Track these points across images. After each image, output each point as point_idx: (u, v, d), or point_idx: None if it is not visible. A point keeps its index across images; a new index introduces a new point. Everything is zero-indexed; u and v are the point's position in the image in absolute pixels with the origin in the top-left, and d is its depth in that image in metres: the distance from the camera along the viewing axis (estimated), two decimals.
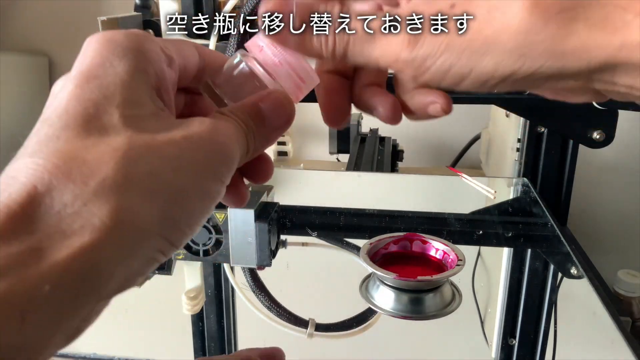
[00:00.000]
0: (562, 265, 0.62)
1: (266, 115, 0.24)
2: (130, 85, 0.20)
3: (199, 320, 0.55)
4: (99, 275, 0.17)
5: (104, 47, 0.21)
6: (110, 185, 0.17)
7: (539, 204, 0.77)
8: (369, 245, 0.33)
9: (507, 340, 0.51)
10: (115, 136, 0.19)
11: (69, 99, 0.19)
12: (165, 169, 0.19)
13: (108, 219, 0.17)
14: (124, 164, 0.18)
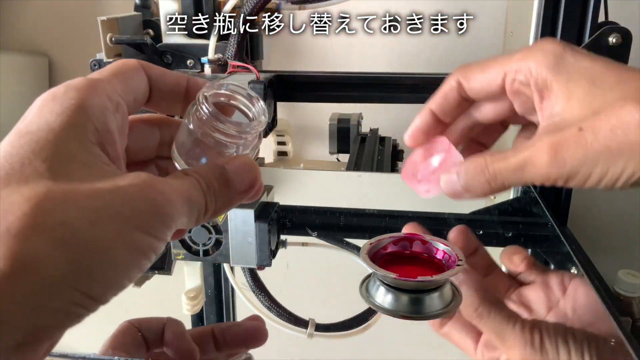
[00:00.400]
0: (563, 265, 0.62)
1: (231, 177, 0.24)
2: (62, 139, 0.20)
3: (199, 320, 0.55)
4: (3, 324, 0.16)
5: (44, 104, 0.22)
6: (15, 233, 0.17)
7: (539, 204, 0.77)
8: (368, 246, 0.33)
9: None
10: (33, 186, 0.18)
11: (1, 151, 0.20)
12: (80, 220, 0.18)
13: (7, 265, 0.16)
14: (35, 213, 0.18)
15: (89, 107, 0.22)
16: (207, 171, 0.24)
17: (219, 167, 0.24)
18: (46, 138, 0.20)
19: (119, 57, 0.67)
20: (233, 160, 0.25)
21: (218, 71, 0.66)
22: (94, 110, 0.22)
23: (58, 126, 0.21)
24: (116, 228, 0.19)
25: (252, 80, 0.62)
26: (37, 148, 0.20)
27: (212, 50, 0.66)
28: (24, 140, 0.20)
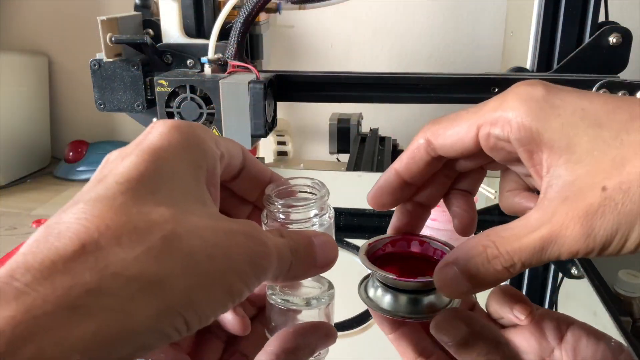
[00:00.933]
0: (563, 265, 0.62)
1: (316, 250, 0.25)
2: (186, 174, 0.22)
3: None
4: (121, 340, 0.17)
5: (171, 134, 0.23)
6: (154, 256, 0.18)
7: None
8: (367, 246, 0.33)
9: None
10: (167, 210, 0.20)
11: (130, 170, 0.21)
12: (202, 252, 0.20)
13: (145, 285, 0.18)
14: (169, 239, 0.19)
15: (206, 149, 0.24)
16: (298, 238, 0.25)
17: (308, 238, 0.25)
18: (172, 169, 0.22)
19: (119, 56, 0.67)
20: (319, 235, 0.25)
21: (218, 71, 0.66)
22: (208, 153, 0.24)
23: (182, 161, 0.22)
24: (224, 268, 0.20)
25: (252, 80, 0.62)
26: (165, 175, 0.21)
27: (212, 50, 0.66)
28: (155, 165, 0.21)
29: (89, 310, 0.17)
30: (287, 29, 1.17)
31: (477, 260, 0.24)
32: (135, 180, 0.20)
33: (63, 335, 0.16)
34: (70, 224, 0.18)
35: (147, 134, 0.23)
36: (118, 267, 0.18)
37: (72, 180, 1.12)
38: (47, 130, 1.23)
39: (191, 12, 0.70)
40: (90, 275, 0.17)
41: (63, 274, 0.17)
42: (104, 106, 0.69)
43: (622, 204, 0.21)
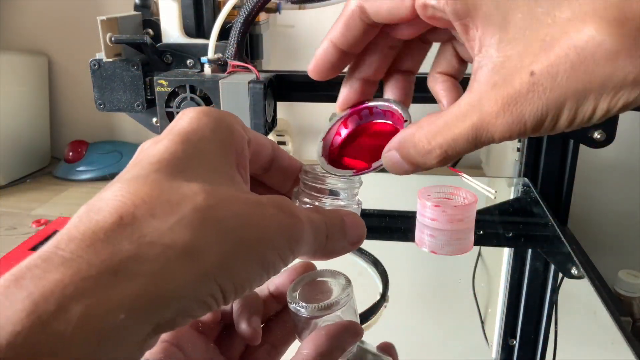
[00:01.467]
0: (563, 265, 0.62)
1: (348, 228, 0.26)
2: (216, 155, 0.23)
3: None
4: (161, 303, 0.18)
5: (200, 119, 0.24)
6: (186, 225, 0.19)
7: (539, 204, 0.77)
8: (321, 143, 0.32)
9: (508, 340, 0.51)
10: (197, 184, 0.21)
11: (163, 152, 0.22)
12: (233, 222, 0.20)
13: (180, 252, 0.19)
14: (201, 208, 0.20)
15: (235, 131, 0.25)
16: (331, 216, 0.25)
17: (340, 216, 0.26)
18: (202, 149, 0.23)
19: (118, 56, 0.67)
20: (348, 214, 0.26)
21: (218, 71, 0.66)
22: (237, 136, 0.25)
23: (212, 142, 0.23)
24: (256, 237, 0.21)
25: (252, 80, 0.62)
26: (195, 155, 0.22)
27: (212, 50, 0.65)
28: (186, 146, 0.22)
29: (130, 275, 0.18)
30: (287, 29, 1.17)
31: (414, 151, 0.26)
32: (167, 161, 0.21)
33: (108, 296, 0.17)
34: (108, 200, 0.19)
35: (177, 120, 0.24)
36: (154, 236, 0.18)
37: (72, 180, 1.12)
38: (46, 130, 1.23)
39: (191, 12, 0.70)
40: (128, 244, 0.18)
41: (104, 242, 0.18)
42: (103, 106, 0.69)
43: (550, 89, 0.21)
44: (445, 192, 0.69)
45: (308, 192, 0.29)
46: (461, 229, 0.64)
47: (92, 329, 0.16)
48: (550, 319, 0.54)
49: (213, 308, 0.20)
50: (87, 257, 0.18)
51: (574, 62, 0.20)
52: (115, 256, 0.18)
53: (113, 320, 0.17)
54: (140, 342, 0.18)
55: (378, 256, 0.63)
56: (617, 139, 0.75)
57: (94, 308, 0.17)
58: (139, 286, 0.18)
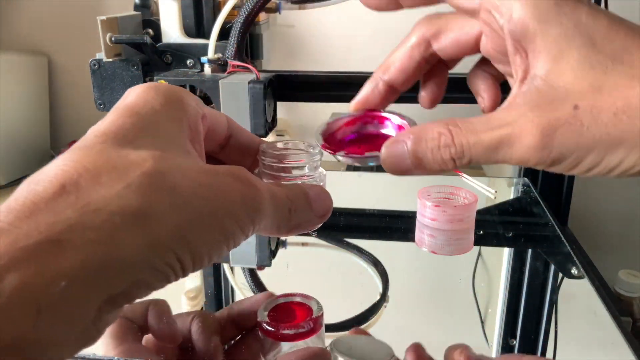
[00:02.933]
0: (563, 265, 0.62)
1: (313, 200, 0.25)
2: (167, 127, 0.22)
3: None
4: (111, 272, 0.17)
5: (147, 93, 0.22)
6: (135, 191, 0.18)
7: (539, 204, 0.77)
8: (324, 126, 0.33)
9: (508, 340, 0.51)
10: (146, 152, 0.20)
11: (108, 125, 0.21)
12: (189, 190, 0.19)
13: (128, 219, 0.17)
14: (151, 174, 0.19)
15: (186, 104, 0.23)
16: (294, 189, 0.25)
17: (303, 189, 0.25)
18: (151, 121, 0.21)
19: (118, 56, 0.67)
20: (312, 187, 0.26)
21: (218, 71, 0.66)
22: (189, 109, 0.23)
23: (162, 115, 0.22)
24: (214, 207, 0.20)
25: (252, 80, 0.62)
26: (145, 127, 0.21)
27: (212, 50, 0.65)
28: (133, 118, 0.21)
29: (74, 244, 0.17)
30: (287, 29, 1.17)
31: (428, 144, 0.25)
32: (113, 133, 0.20)
33: (48, 264, 0.16)
34: (49, 171, 0.19)
35: (124, 97, 0.23)
36: (99, 203, 0.17)
37: None
38: (46, 130, 1.23)
39: (191, 11, 0.70)
40: (72, 212, 0.17)
41: (44, 212, 0.17)
42: (103, 106, 0.69)
43: (587, 127, 0.21)
44: (445, 192, 0.69)
45: (269, 172, 0.28)
46: (461, 229, 0.64)
47: (29, 300, 0.15)
48: (550, 319, 0.54)
49: (171, 279, 0.19)
50: (26, 227, 0.16)
51: (618, 112, 0.21)
52: (57, 225, 0.17)
53: (53, 290, 0.16)
54: (93, 317, 0.17)
55: (378, 256, 0.63)
56: None
57: (31, 277, 0.15)
58: (84, 255, 0.16)
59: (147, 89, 0.23)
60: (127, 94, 0.23)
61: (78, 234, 0.17)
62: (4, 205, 0.17)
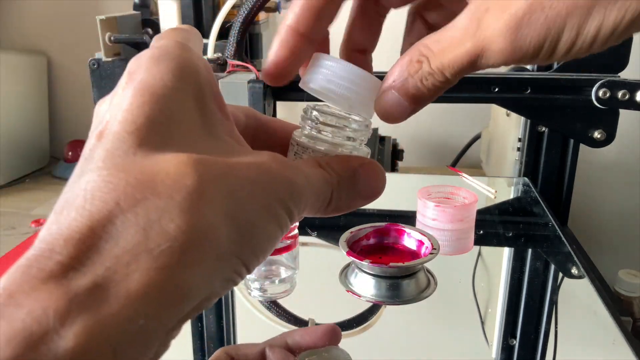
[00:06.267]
0: (563, 265, 0.62)
1: (361, 182, 0.24)
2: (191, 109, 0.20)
3: (197, 320, 0.55)
4: (183, 295, 0.16)
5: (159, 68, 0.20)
6: (186, 208, 0.17)
7: (539, 204, 0.76)
8: (348, 234, 0.35)
9: (508, 340, 0.51)
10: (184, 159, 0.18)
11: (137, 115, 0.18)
12: (241, 191, 0.18)
13: (185, 240, 0.16)
14: (201, 185, 0.17)
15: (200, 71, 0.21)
16: (340, 168, 0.23)
17: (352, 169, 0.23)
18: (176, 105, 0.19)
19: (117, 56, 0.67)
20: (366, 165, 0.24)
21: (217, 70, 0.66)
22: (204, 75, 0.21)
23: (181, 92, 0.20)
24: (267, 201, 0.19)
25: (251, 80, 0.62)
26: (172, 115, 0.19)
27: (212, 49, 0.65)
28: (160, 105, 0.19)
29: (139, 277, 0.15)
30: None
31: (413, 81, 0.24)
32: (145, 127, 0.18)
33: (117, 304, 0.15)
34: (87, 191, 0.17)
35: (133, 73, 0.20)
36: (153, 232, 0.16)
37: None
38: (45, 129, 1.23)
39: (190, 11, 0.70)
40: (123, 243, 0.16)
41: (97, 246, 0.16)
42: None
43: (549, 7, 0.19)
44: (445, 192, 0.69)
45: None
46: (461, 228, 0.64)
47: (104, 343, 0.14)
48: (550, 319, 0.54)
49: (238, 282, 0.19)
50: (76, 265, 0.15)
51: None
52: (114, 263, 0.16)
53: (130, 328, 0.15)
54: (164, 339, 0.16)
55: None
56: (617, 139, 0.75)
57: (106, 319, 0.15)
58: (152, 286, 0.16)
59: (157, 62, 0.20)
60: (134, 67, 0.20)
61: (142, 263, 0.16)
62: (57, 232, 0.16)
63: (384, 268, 0.33)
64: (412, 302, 0.35)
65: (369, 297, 0.35)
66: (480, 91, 0.70)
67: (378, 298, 0.34)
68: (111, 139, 0.18)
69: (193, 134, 0.19)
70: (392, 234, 0.37)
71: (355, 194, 0.24)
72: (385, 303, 0.33)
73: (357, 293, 0.36)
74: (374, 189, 0.24)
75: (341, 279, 0.36)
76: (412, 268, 0.41)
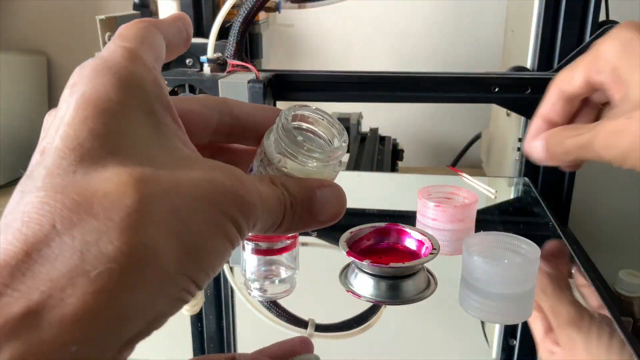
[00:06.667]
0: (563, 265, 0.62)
1: (318, 206, 0.23)
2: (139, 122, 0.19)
3: (197, 320, 0.55)
4: (123, 319, 0.16)
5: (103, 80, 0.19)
6: (126, 226, 0.16)
7: (540, 204, 0.76)
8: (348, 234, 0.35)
9: (508, 340, 0.51)
10: (133, 171, 0.17)
11: (77, 129, 0.18)
12: (185, 208, 0.18)
13: (125, 260, 0.16)
14: (143, 203, 0.17)
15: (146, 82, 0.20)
16: (296, 190, 0.22)
17: (308, 191, 0.23)
18: (122, 118, 0.19)
19: None
20: (325, 188, 0.23)
21: (217, 70, 0.66)
22: (150, 86, 0.20)
23: (127, 104, 0.19)
24: (215, 217, 0.19)
25: (251, 80, 0.62)
26: (116, 126, 0.18)
27: (212, 49, 0.65)
28: (97, 116, 0.18)
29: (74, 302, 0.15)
30: (286, 28, 1.17)
31: (550, 143, 0.38)
32: (88, 142, 0.18)
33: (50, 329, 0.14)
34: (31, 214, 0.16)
35: (74, 85, 0.19)
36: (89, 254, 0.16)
37: None
38: None
39: (190, 11, 0.70)
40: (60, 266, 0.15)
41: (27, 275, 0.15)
42: None
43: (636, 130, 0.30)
44: (445, 192, 0.69)
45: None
46: (461, 229, 0.64)
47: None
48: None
49: (188, 300, 0.18)
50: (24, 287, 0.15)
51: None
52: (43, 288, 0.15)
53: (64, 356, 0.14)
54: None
55: None
56: None
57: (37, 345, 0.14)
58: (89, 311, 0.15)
59: (99, 74, 0.19)
60: (77, 79, 0.19)
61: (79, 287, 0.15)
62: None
63: (384, 268, 0.33)
64: (412, 302, 0.35)
65: (369, 297, 0.35)
66: (480, 91, 0.70)
67: (378, 298, 0.34)
68: (52, 156, 0.17)
69: (141, 147, 0.19)
70: (392, 234, 0.37)
71: (310, 217, 0.23)
72: (385, 303, 0.33)
73: (357, 293, 0.36)
74: (330, 214, 0.24)
75: (341, 279, 0.36)
76: (412, 268, 0.41)
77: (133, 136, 0.19)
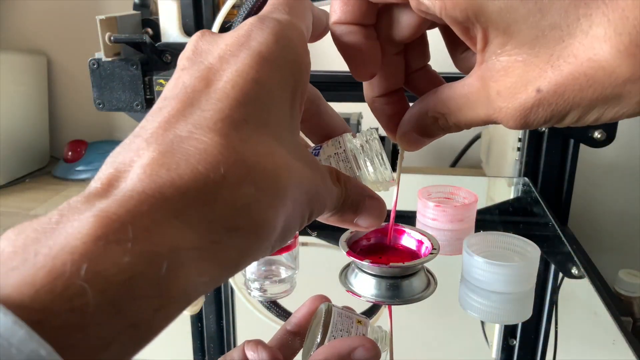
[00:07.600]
0: (563, 265, 0.62)
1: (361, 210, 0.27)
2: (282, 98, 0.21)
3: (198, 320, 0.55)
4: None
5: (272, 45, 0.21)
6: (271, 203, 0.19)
7: (539, 204, 0.76)
8: (348, 234, 0.35)
9: (508, 340, 0.51)
10: (268, 146, 0.20)
11: (239, 84, 0.20)
12: (298, 201, 0.21)
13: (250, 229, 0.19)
14: (287, 188, 0.20)
15: (302, 65, 0.23)
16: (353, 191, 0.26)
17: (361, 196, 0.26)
18: (273, 88, 0.21)
19: (117, 56, 0.67)
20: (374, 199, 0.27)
21: None
22: (303, 70, 0.23)
23: (280, 77, 0.21)
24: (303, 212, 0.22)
25: None
26: (267, 94, 0.21)
27: None
28: (260, 83, 0.20)
29: None
30: None
31: (431, 128, 0.28)
32: (242, 104, 0.20)
33: None
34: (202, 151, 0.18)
35: (248, 35, 0.21)
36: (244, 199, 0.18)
37: (71, 180, 1.12)
38: (45, 129, 1.23)
39: (190, 11, 0.70)
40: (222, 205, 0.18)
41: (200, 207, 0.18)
42: (103, 106, 0.68)
43: (555, 104, 0.21)
44: (445, 192, 0.69)
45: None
46: (461, 228, 0.64)
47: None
48: (550, 319, 0.54)
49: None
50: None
51: (583, 86, 0.20)
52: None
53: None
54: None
55: None
56: (617, 139, 0.75)
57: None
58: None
59: (273, 38, 0.21)
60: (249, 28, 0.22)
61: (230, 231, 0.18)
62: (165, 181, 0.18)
63: (384, 268, 0.34)
64: (412, 302, 0.35)
65: (369, 297, 0.35)
66: None
67: (378, 298, 0.34)
68: (212, 103, 0.19)
69: (278, 122, 0.21)
70: (393, 234, 0.37)
71: (351, 218, 0.26)
72: (385, 303, 0.33)
73: (357, 293, 0.36)
74: (368, 222, 0.27)
75: (341, 279, 0.36)
76: (412, 268, 0.41)
77: (274, 109, 0.21)
